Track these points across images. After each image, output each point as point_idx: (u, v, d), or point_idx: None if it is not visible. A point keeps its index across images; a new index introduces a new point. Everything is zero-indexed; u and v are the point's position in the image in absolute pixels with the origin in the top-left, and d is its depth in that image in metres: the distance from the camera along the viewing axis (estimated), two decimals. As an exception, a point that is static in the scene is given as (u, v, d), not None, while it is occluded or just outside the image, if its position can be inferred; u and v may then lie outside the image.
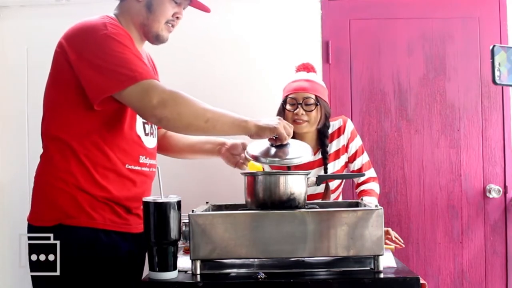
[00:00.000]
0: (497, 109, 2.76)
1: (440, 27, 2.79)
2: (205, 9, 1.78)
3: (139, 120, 1.67)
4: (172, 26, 1.73)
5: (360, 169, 2.18)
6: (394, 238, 2.00)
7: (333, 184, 2.22)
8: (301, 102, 2.11)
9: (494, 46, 1.25)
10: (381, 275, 1.42)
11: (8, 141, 2.87)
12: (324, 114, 2.14)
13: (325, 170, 2.16)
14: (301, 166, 2.17)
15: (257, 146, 1.68)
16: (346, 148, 2.19)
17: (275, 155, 1.61)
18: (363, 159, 2.20)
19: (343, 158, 2.20)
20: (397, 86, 2.80)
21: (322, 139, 2.18)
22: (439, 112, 2.78)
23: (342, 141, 2.19)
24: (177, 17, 1.72)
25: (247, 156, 1.72)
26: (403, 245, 2.03)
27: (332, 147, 2.19)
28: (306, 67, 2.22)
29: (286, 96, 2.16)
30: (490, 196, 2.74)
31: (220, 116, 1.56)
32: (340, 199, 2.30)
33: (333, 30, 2.82)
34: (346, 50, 2.81)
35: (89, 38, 1.53)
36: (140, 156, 1.67)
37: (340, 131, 2.20)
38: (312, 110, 2.11)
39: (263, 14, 2.84)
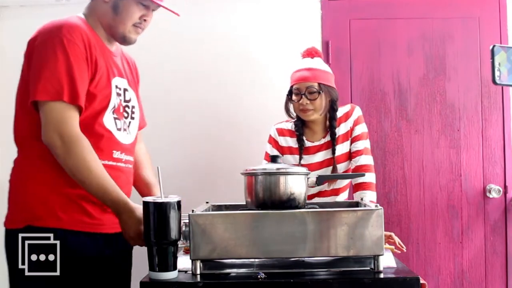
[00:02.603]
0: (497, 109, 2.76)
1: (440, 27, 2.79)
2: (174, 13, 1.75)
3: (109, 116, 1.64)
4: (141, 28, 1.71)
5: (361, 151, 2.19)
6: (398, 244, 1.98)
7: (342, 182, 2.25)
8: (304, 92, 2.14)
9: (494, 46, 1.25)
10: (381, 275, 1.42)
11: (8, 141, 2.86)
12: (329, 99, 2.17)
13: (333, 151, 2.19)
14: (309, 149, 2.22)
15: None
16: (351, 130, 2.21)
17: None
18: (365, 143, 2.21)
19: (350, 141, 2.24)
20: (397, 86, 2.80)
21: (330, 121, 2.21)
22: (439, 112, 2.78)
23: (349, 124, 2.22)
24: (145, 20, 1.70)
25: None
26: (405, 250, 2.03)
27: (340, 130, 2.21)
28: (310, 53, 2.23)
29: (291, 87, 2.20)
30: (490, 196, 2.74)
31: (95, 185, 1.52)
32: (346, 193, 2.30)
33: (333, 30, 2.81)
34: (346, 50, 2.81)
35: (42, 39, 1.56)
36: (114, 151, 1.66)
37: (348, 115, 2.22)
38: (316, 99, 2.13)
39: (263, 14, 2.84)
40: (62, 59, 1.52)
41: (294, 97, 2.18)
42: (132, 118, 1.77)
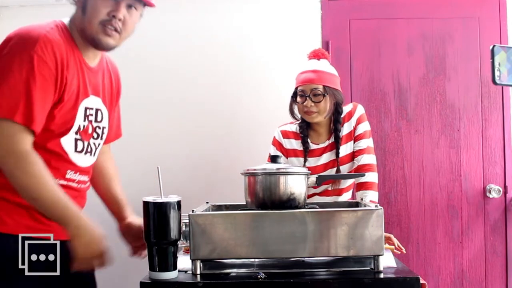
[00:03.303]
0: (497, 109, 2.76)
1: (440, 27, 2.79)
2: (149, 3, 1.58)
3: (70, 137, 1.55)
4: (111, 27, 1.51)
5: (363, 150, 2.18)
6: (397, 246, 1.98)
7: (345, 183, 2.25)
8: (309, 94, 2.13)
9: (494, 46, 1.25)
10: (381, 275, 1.42)
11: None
12: (334, 102, 2.17)
13: (337, 154, 2.19)
14: (314, 151, 2.22)
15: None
16: (354, 129, 2.21)
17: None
18: (368, 142, 2.21)
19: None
20: (397, 86, 2.80)
21: (335, 124, 2.21)
22: (439, 112, 2.78)
23: (352, 123, 2.22)
24: (113, 16, 1.50)
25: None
26: (404, 252, 2.03)
27: (344, 130, 2.21)
28: (317, 55, 2.23)
29: (296, 88, 2.19)
30: (490, 196, 2.74)
31: (47, 202, 1.43)
32: (349, 193, 2.30)
33: (333, 30, 2.82)
34: (346, 50, 2.81)
35: (13, 48, 1.44)
36: (68, 171, 1.56)
37: (350, 114, 2.22)
38: (321, 101, 2.13)
39: (263, 14, 2.84)
40: (26, 77, 1.40)
41: (298, 99, 2.17)
42: (101, 139, 1.69)
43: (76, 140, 1.57)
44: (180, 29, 2.82)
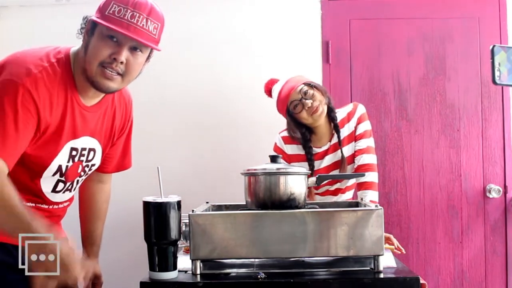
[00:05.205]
0: (497, 109, 2.76)
1: (440, 27, 2.79)
2: (154, 47, 1.51)
3: (49, 179, 1.52)
4: (111, 70, 1.43)
5: (363, 150, 2.17)
6: (397, 246, 1.98)
7: (345, 182, 2.24)
8: (301, 97, 2.11)
9: (494, 46, 1.25)
10: (381, 275, 1.42)
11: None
12: (324, 91, 2.16)
13: (340, 143, 2.18)
14: (317, 155, 2.22)
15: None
16: (355, 130, 2.20)
17: None
18: (368, 142, 2.19)
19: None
20: (397, 86, 2.80)
21: (331, 120, 2.19)
22: (439, 112, 2.78)
23: (352, 123, 2.21)
24: (115, 59, 1.41)
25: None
26: (404, 252, 2.03)
27: (344, 132, 2.20)
28: (272, 82, 2.25)
29: (287, 107, 2.15)
30: (490, 196, 2.74)
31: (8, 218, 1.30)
32: (350, 193, 2.30)
33: (333, 30, 2.81)
34: (346, 50, 2.81)
35: (4, 71, 1.39)
36: (38, 201, 1.56)
37: (350, 115, 2.22)
38: (314, 93, 2.11)
39: (263, 14, 2.84)
40: (10, 115, 1.34)
41: (297, 110, 2.12)
42: (87, 175, 1.67)
43: (58, 181, 1.55)
44: (180, 29, 2.81)
